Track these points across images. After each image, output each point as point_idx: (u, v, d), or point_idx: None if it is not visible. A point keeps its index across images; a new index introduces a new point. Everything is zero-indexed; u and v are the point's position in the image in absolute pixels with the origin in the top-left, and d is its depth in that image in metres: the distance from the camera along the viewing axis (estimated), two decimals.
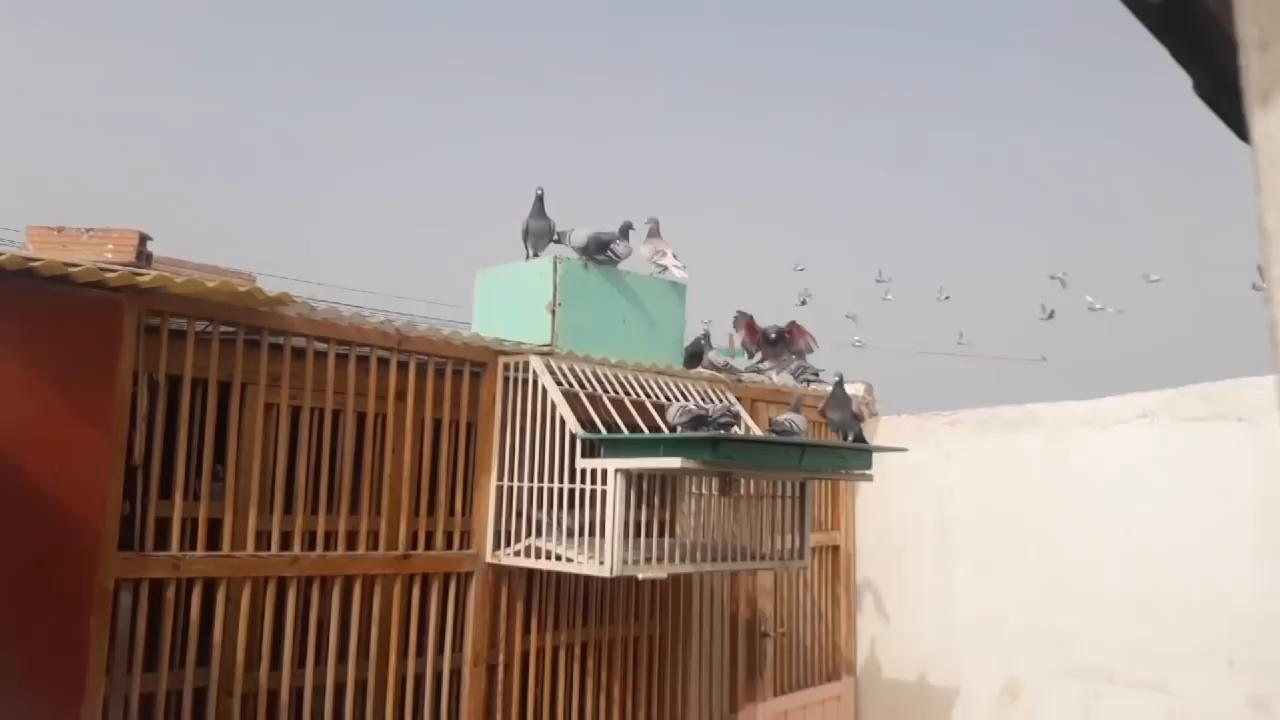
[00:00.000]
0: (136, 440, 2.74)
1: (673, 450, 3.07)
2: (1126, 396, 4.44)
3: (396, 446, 3.38)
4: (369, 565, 3.25)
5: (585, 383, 3.61)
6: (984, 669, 4.82)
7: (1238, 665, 3.90)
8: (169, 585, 2.79)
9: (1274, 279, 0.67)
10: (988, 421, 4.99)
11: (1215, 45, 1.22)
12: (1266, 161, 0.68)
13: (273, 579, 3.03)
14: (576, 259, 4.00)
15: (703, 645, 4.52)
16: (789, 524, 3.91)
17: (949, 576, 5.04)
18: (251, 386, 3.03)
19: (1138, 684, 4.22)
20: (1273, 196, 0.67)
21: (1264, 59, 0.68)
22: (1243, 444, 3.96)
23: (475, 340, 3.66)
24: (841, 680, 5.30)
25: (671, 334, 4.35)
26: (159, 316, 2.80)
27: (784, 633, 4.96)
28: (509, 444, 3.59)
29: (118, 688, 2.69)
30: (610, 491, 3.12)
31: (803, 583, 5.14)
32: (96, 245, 3.16)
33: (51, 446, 2.57)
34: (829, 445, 4.23)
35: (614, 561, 3.09)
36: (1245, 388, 4.02)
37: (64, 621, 2.57)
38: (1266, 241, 0.67)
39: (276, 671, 3.02)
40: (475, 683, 3.53)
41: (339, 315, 3.27)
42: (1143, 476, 4.30)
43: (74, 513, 2.58)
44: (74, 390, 2.61)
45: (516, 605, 3.71)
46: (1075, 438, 4.60)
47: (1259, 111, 0.68)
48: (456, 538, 3.57)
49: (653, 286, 4.30)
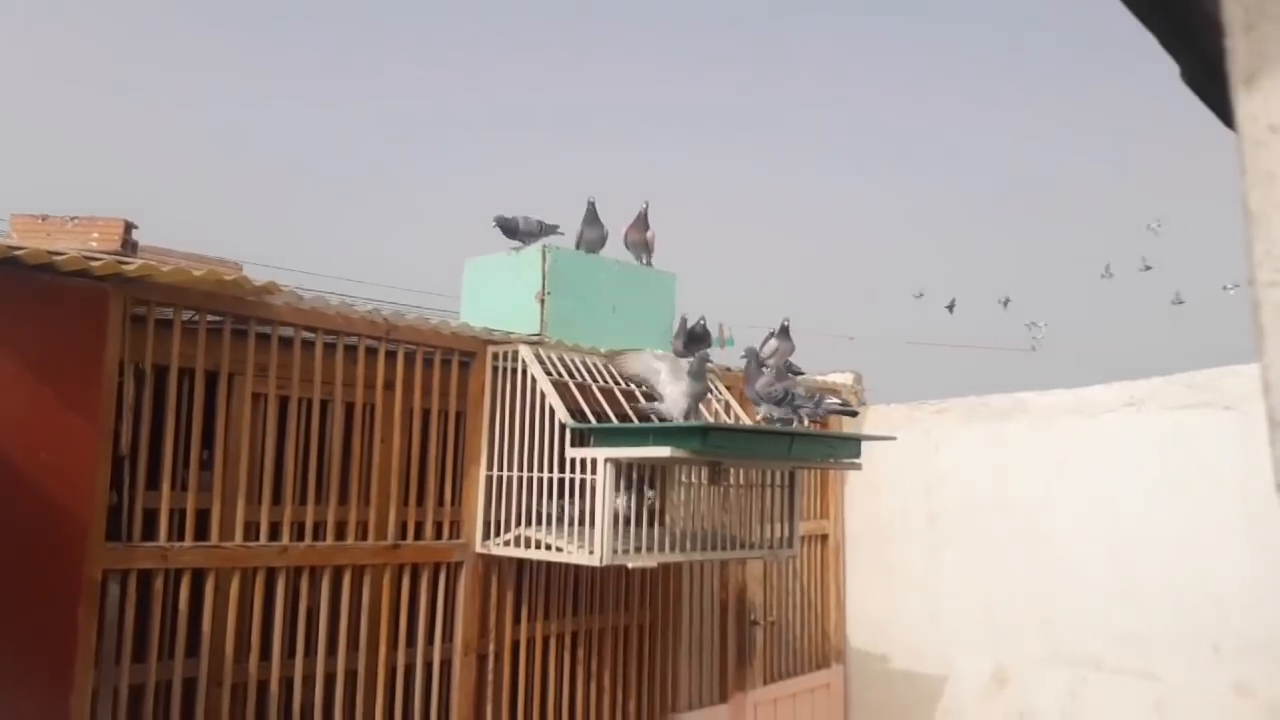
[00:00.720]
0: (123, 430, 2.73)
1: (662, 439, 3.07)
2: (1113, 385, 4.47)
3: (385, 436, 3.37)
4: (358, 555, 3.25)
5: (574, 372, 3.61)
6: (973, 656, 4.85)
7: (1224, 651, 3.94)
8: (157, 576, 2.78)
9: (1257, 259, 0.68)
10: (976, 410, 5.02)
11: (1203, 32, 1.21)
12: (1250, 143, 0.68)
13: (261, 569, 3.02)
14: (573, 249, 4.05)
15: (692, 634, 4.54)
16: (778, 513, 3.92)
17: (938, 564, 5.07)
18: (239, 376, 3.02)
19: (1125, 670, 4.26)
20: (1256, 178, 0.68)
21: (1248, 40, 0.68)
22: (1229, 432, 3.99)
23: (464, 330, 3.65)
24: (831, 668, 5.33)
25: (661, 323, 4.35)
26: (145, 305, 2.78)
27: (774, 621, 4.98)
28: (498, 433, 3.59)
29: (106, 679, 2.68)
30: (600, 481, 3.13)
31: (792, 571, 5.16)
32: (81, 234, 3.14)
33: (37, 436, 2.55)
34: (818, 435, 4.24)
35: (604, 551, 3.10)
36: (1231, 375, 4.04)
37: (52, 613, 2.56)
38: (1250, 221, 0.68)
39: (266, 662, 3.02)
40: (465, 672, 3.53)
41: (326, 304, 3.25)
42: (1130, 464, 4.33)
43: (61, 503, 2.57)
44: (60, 380, 2.59)
45: (506, 595, 3.72)
46: (1063, 426, 4.62)
47: (1243, 93, 0.69)
48: (446, 527, 3.57)
49: (642, 276, 4.30)
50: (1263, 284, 0.68)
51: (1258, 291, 0.68)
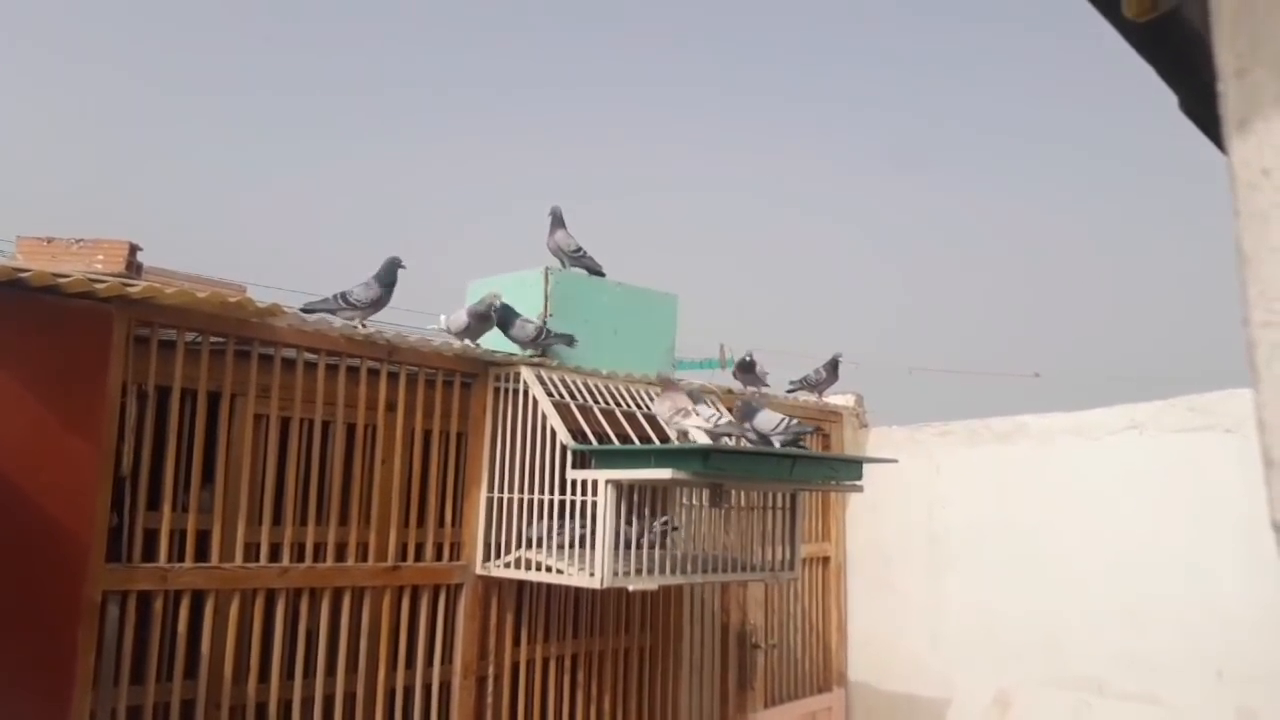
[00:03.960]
0: (125, 451, 2.73)
1: (663, 461, 3.07)
2: (1115, 408, 4.47)
3: (386, 457, 3.37)
4: (358, 577, 3.24)
5: (576, 393, 3.61)
6: (975, 680, 4.82)
7: (1227, 676, 3.91)
8: (157, 597, 2.78)
9: (1251, 300, 0.68)
10: (978, 433, 5.01)
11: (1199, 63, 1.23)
12: (1243, 186, 0.69)
13: (261, 590, 3.01)
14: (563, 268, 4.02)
15: (693, 657, 4.52)
16: (779, 535, 3.91)
17: (939, 587, 5.05)
18: (241, 397, 3.03)
19: (1128, 695, 4.23)
20: (1249, 220, 0.68)
21: (1240, 86, 0.69)
22: (1231, 455, 3.98)
23: (466, 351, 3.66)
24: (832, 691, 5.30)
25: (662, 344, 4.35)
26: (149, 327, 2.79)
27: (774, 644, 4.96)
28: (499, 455, 3.59)
29: (104, 700, 2.67)
30: (601, 503, 3.12)
31: (793, 594, 5.14)
32: (86, 256, 3.16)
33: (39, 457, 2.55)
34: (820, 456, 4.24)
35: (604, 573, 3.09)
36: (1233, 399, 4.04)
37: (50, 633, 2.55)
38: (1244, 264, 0.68)
39: (265, 684, 3.01)
40: (465, 695, 3.52)
41: (329, 326, 3.26)
42: (1132, 487, 4.32)
43: (61, 524, 2.57)
44: (63, 400, 2.60)
45: (506, 617, 3.71)
46: (1064, 449, 4.62)
47: (1236, 137, 0.69)
48: (446, 549, 3.57)
49: (643, 297, 4.31)
50: (1257, 325, 0.69)
51: (1252, 332, 0.68)
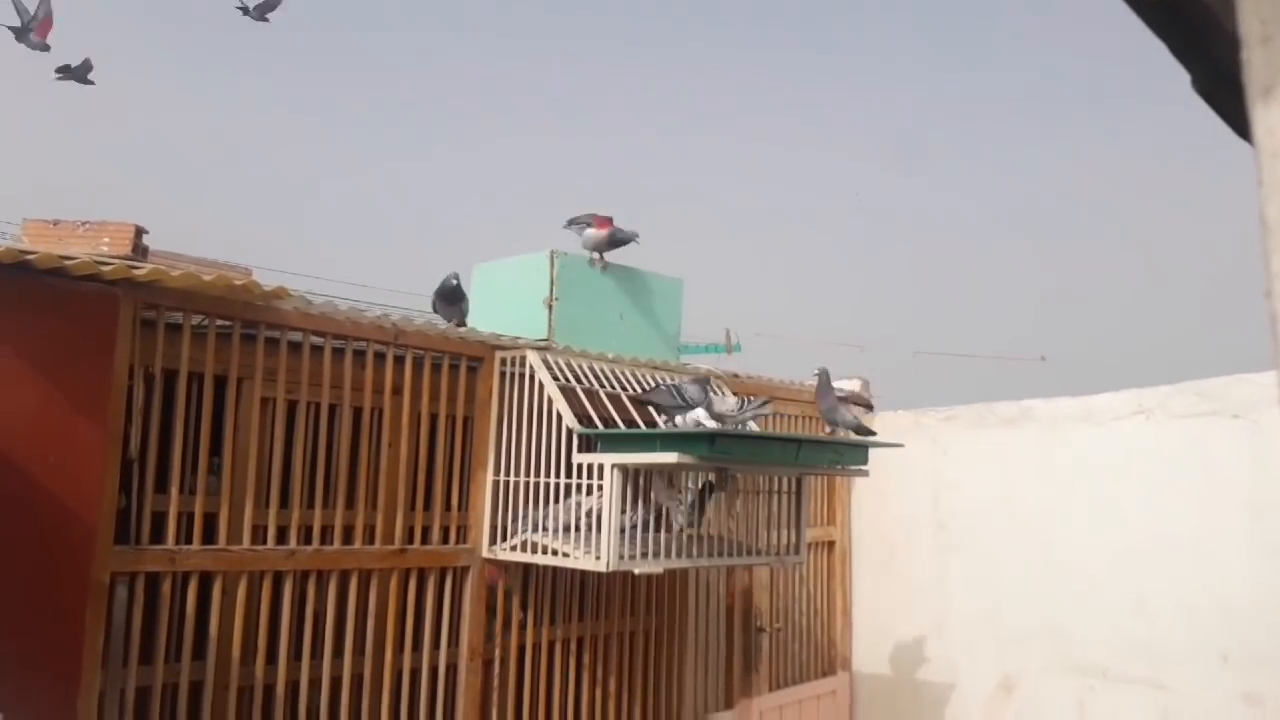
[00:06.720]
0: (132, 434, 2.74)
1: (669, 445, 3.07)
2: (1122, 393, 4.45)
3: (393, 441, 3.37)
4: (365, 559, 3.25)
5: (582, 377, 3.61)
6: (979, 665, 4.83)
7: (1232, 661, 3.91)
8: (165, 579, 2.79)
9: (1274, 272, 0.67)
10: (984, 417, 5.00)
11: (1214, 42, 1.21)
12: (1267, 155, 0.68)
13: (269, 573, 3.02)
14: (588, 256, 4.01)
15: (698, 640, 4.53)
16: (785, 519, 3.91)
17: (944, 572, 5.05)
18: (248, 380, 3.03)
19: (1133, 680, 4.23)
20: (1273, 190, 0.67)
21: (1265, 53, 0.68)
22: (1238, 440, 3.97)
23: (472, 335, 3.65)
24: (837, 675, 5.32)
25: (668, 328, 4.35)
26: (155, 310, 2.79)
27: (779, 628, 4.97)
28: (505, 439, 3.59)
29: (113, 681, 2.69)
30: (606, 486, 3.12)
31: (798, 578, 5.15)
32: (92, 238, 3.16)
33: (47, 440, 2.56)
34: (825, 440, 4.23)
35: (610, 556, 3.09)
36: (1240, 384, 4.03)
37: (59, 615, 2.56)
38: (1268, 234, 0.67)
39: (273, 666, 3.02)
40: (471, 677, 3.53)
41: (336, 309, 3.26)
42: (1138, 473, 4.31)
43: (69, 506, 2.58)
44: (70, 383, 2.60)
45: (512, 600, 3.72)
46: (1071, 434, 4.60)
47: (1261, 106, 0.68)
48: (453, 532, 3.57)
49: (650, 281, 4.30)
50: (1279, 295, 0.68)
51: (1275, 305, 0.67)
